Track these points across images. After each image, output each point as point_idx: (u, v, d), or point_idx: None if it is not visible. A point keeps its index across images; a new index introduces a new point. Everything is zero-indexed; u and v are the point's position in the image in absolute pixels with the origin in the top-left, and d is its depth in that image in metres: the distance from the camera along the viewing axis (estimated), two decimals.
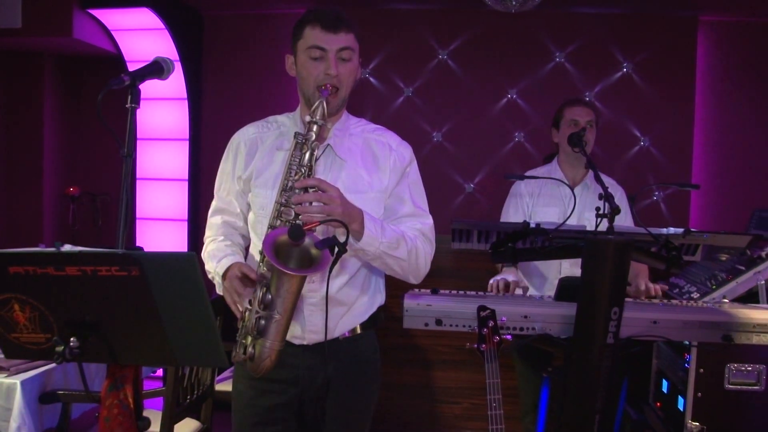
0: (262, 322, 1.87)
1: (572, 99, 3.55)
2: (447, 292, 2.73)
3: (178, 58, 5.21)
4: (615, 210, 2.31)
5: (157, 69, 1.90)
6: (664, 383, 3.63)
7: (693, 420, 3.23)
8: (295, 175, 1.95)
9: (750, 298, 3.30)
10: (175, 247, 5.38)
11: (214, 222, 2.32)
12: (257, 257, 2.02)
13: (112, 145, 5.44)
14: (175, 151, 5.43)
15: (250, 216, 2.23)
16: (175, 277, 1.40)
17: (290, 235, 1.78)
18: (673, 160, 5.23)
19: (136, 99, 1.76)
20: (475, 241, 2.85)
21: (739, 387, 3.22)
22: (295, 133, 1.99)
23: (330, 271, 1.92)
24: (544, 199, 3.39)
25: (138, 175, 5.46)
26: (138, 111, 5.56)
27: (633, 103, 5.24)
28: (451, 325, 2.53)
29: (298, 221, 1.87)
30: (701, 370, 3.22)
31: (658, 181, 5.21)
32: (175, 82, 5.28)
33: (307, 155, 1.95)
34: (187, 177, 5.41)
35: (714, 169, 5.30)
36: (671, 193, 5.25)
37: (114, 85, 1.70)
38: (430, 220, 2.29)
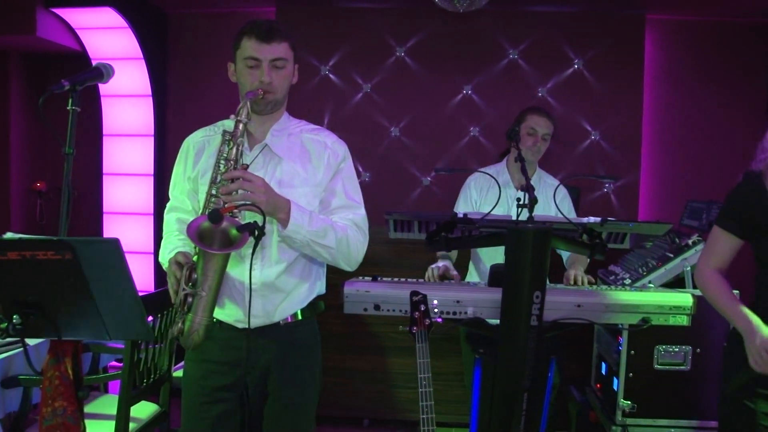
0: (190, 299, 2.05)
1: (536, 108, 3.67)
2: (389, 279, 2.87)
3: (142, 55, 5.33)
4: (533, 200, 2.48)
5: (97, 74, 2.05)
6: (603, 366, 3.82)
7: (625, 399, 3.43)
8: (223, 168, 2.13)
9: (678, 283, 3.50)
10: (142, 241, 5.52)
11: (168, 219, 2.51)
12: None
13: (79, 141, 5.56)
14: (141, 147, 5.56)
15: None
16: (102, 259, 1.57)
17: (209, 218, 1.96)
18: (622, 152, 5.44)
19: (77, 102, 1.91)
20: (416, 231, 2.98)
21: (667, 367, 3.42)
22: (223, 131, 2.17)
23: (252, 255, 2.11)
24: (491, 197, 3.53)
25: (104, 171, 5.57)
26: (104, 108, 5.67)
27: (584, 98, 5.44)
28: (388, 310, 2.67)
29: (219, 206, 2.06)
30: (632, 351, 3.42)
31: (608, 173, 5.41)
32: (140, 80, 5.41)
33: (234, 150, 2.14)
34: (152, 172, 5.53)
35: (661, 162, 5.51)
36: (621, 185, 5.45)
37: (55, 89, 1.86)
38: (362, 212, 2.46)
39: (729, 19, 5.37)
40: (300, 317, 2.43)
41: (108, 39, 5.31)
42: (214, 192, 2.13)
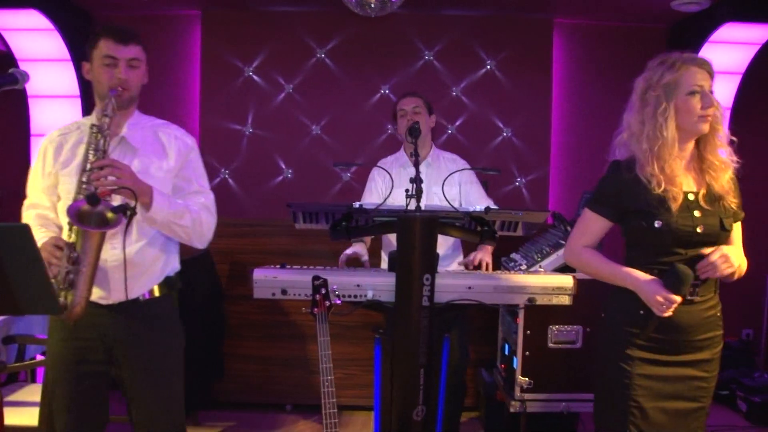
0: (71, 276, 2.27)
1: (404, 93, 3.98)
2: (298, 267, 3.08)
3: (69, 57, 5.41)
4: (419, 191, 2.73)
5: (11, 80, 2.25)
6: (506, 347, 4.09)
7: (522, 376, 3.70)
8: (93, 158, 2.36)
9: (570, 268, 3.76)
10: None
11: (27, 216, 2.67)
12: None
13: (9, 141, 5.64)
14: None
15: (60, 205, 2.58)
16: (14, 242, 1.78)
17: (87, 201, 2.18)
18: (533, 148, 5.76)
19: None
20: (323, 222, 3.18)
21: (560, 346, 3.70)
22: (91, 125, 2.41)
23: (126, 231, 2.38)
24: (396, 181, 3.76)
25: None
26: (32, 108, 5.68)
27: (496, 98, 5.74)
28: (294, 295, 2.89)
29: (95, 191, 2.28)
30: (528, 331, 3.69)
31: (519, 168, 5.72)
32: (68, 80, 5.49)
33: (102, 142, 2.38)
34: None
35: (569, 156, 5.85)
36: (532, 179, 5.77)
37: None
38: (212, 196, 2.74)
39: (628, 24, 5.74)
40: (157, 293, 2.63)
41: (34, 40, 5.37)
42: (85, 179, 2.34)
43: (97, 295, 2.50)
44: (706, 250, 2.39)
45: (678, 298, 2.34)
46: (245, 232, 4.72)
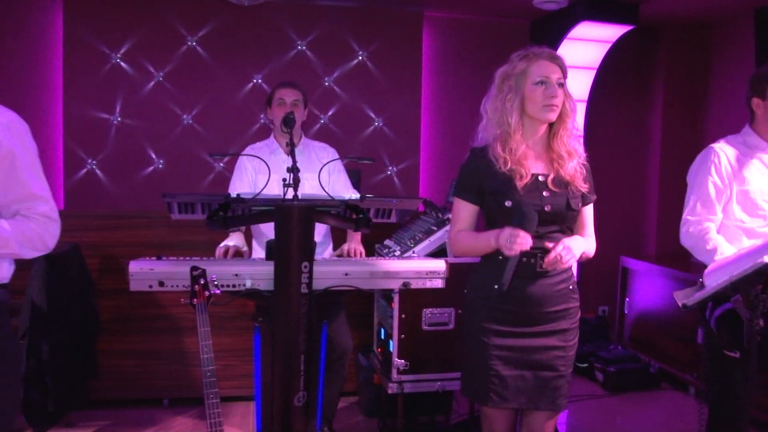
0: None
1: (283, 81, 3.99)
2: (175, 258, 3.05)
3: None
4: (296, 180, 2.78)
5: None
6: (382, 331, 4.20)
7: (399, 358, 3.82)
8: None
9: (442, 253, 3.92)
10: None
11: None
12: None
13: None
14: None
15: None
16: None
17: None
18: (403, 138, 5.91)
19: None
20: (200, 212, 3.16)
21: (434, 328, 3.85)
22: None
23: None
24: (265, 168, 3.74)
25: None
26: None
27: (368, 88, 5.85)
28: (172, 286, 2.86)
29: None
30: (403, 315, 3.81)
31: (391, 157, 5.86)
32: None
33: None
34: None
35: (439, 145, 6.05)
36: (403, 167, 5.92)
37: None
38: (51, 201, 2.30)
39: (494, 19, 6.00)
40: None
41: None
42: None
43: None
44: (550, 244, 2.54)
45: (524, 234, 2.44)
46: (117, 224, 4.59)
